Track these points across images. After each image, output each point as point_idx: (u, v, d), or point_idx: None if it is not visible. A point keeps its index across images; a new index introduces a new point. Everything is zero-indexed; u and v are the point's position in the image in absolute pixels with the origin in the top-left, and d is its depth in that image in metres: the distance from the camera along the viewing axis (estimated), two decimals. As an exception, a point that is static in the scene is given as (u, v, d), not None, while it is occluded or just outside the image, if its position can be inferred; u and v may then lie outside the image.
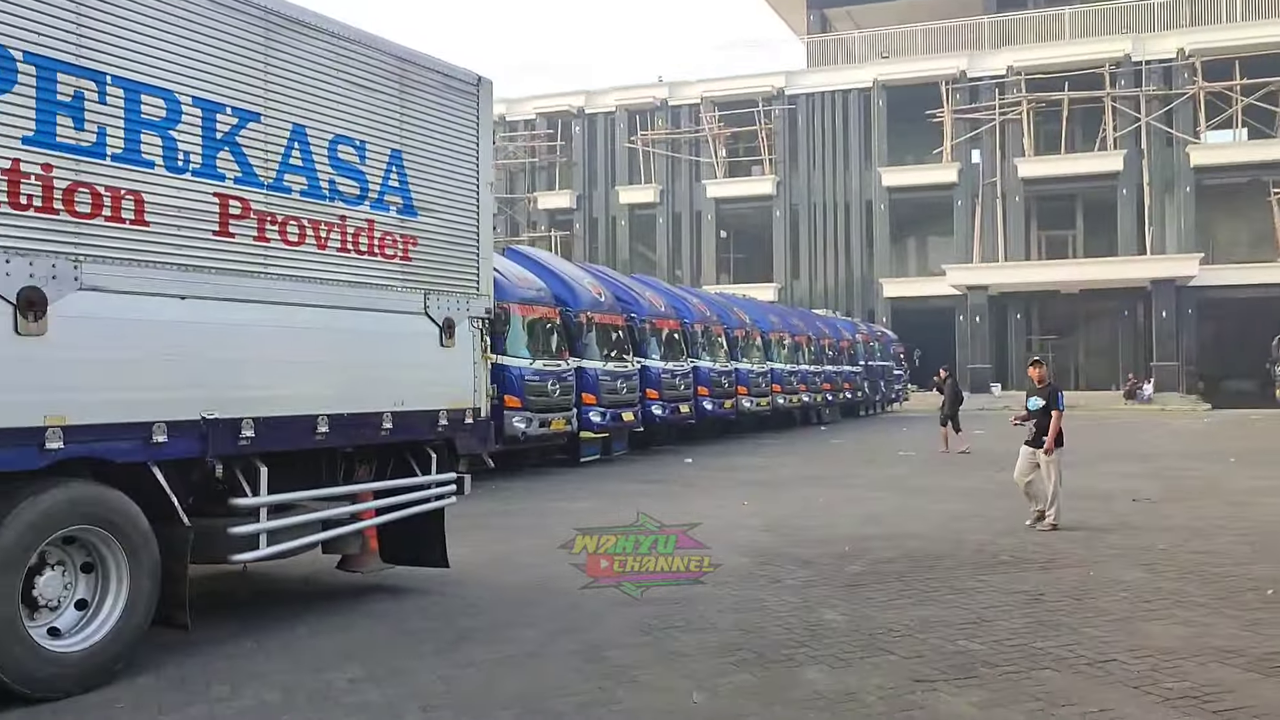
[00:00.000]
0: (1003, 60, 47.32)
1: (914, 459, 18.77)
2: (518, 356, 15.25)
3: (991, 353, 45.85)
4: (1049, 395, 10.65)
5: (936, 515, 11.26)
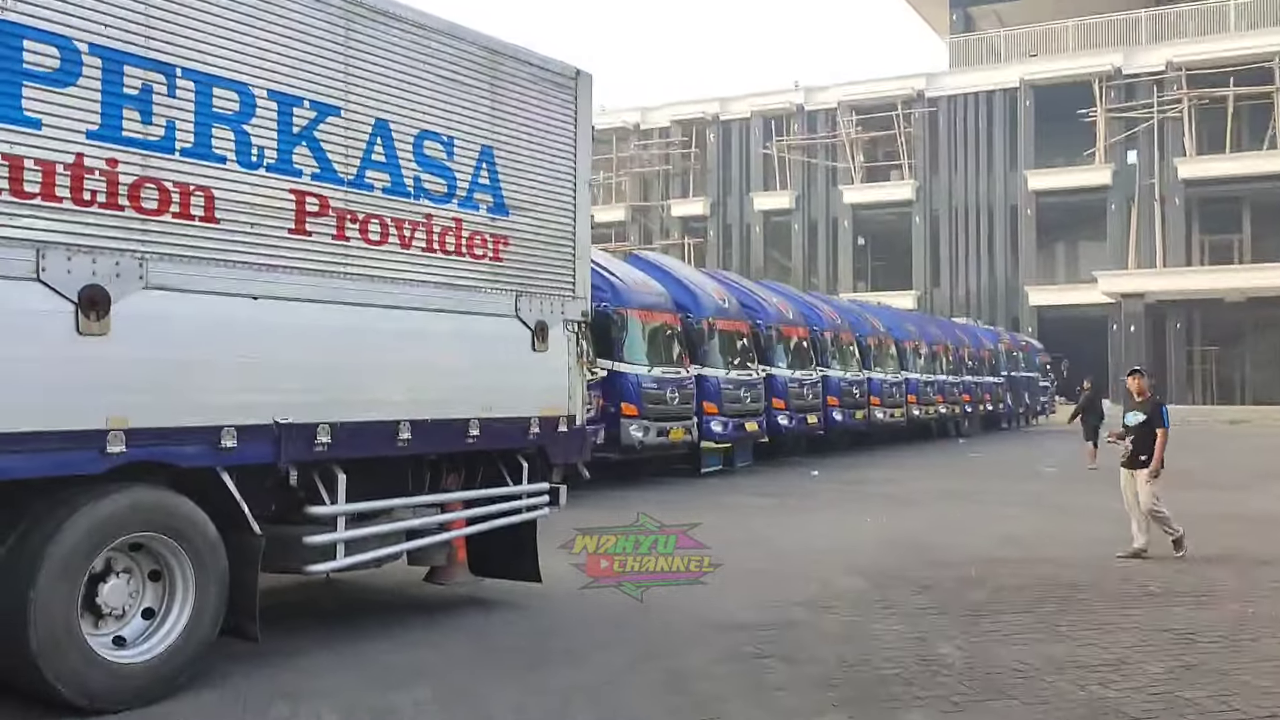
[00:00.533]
0: (1161, 55, 44.75)
1: (1057, 475, 17.65)
2: (635, 363, 14.92)
3: (1147, 365, 43.14)
4: (1152, 410, 9.65)
5: (1078, 538, 10.39)
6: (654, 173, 55.70)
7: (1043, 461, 20.54)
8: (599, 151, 57.23)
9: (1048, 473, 18.17)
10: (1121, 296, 42.84)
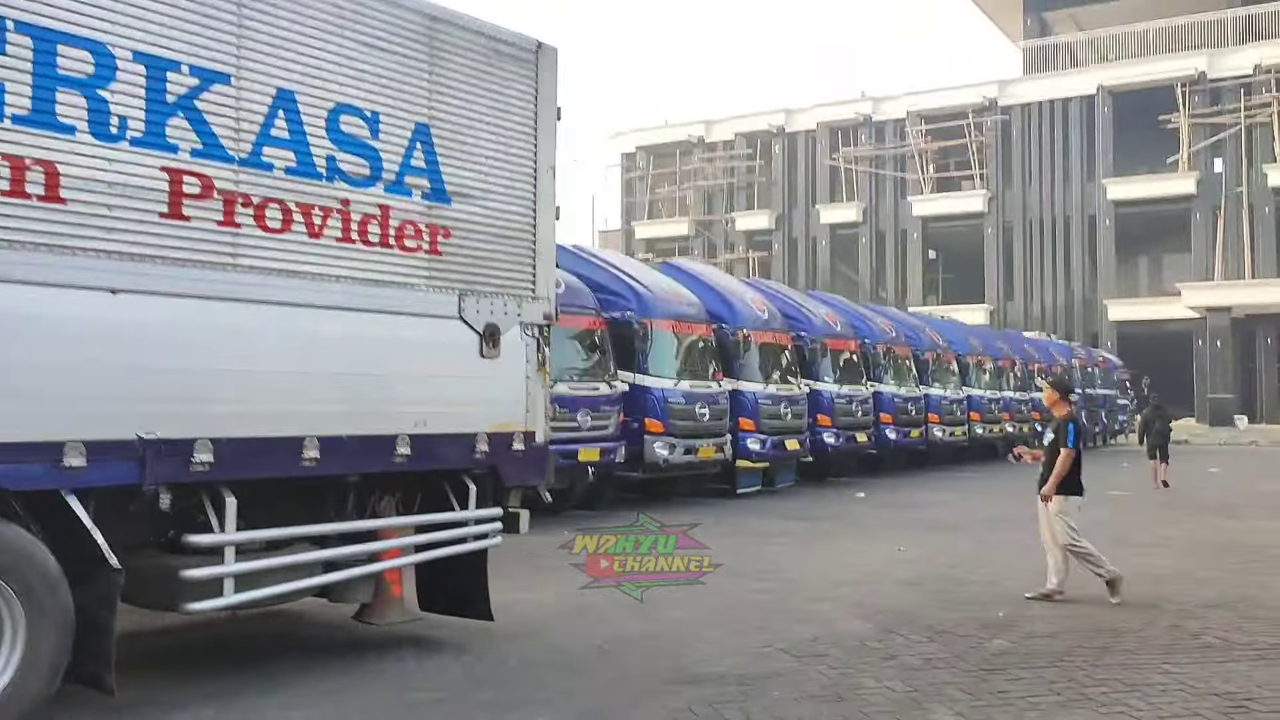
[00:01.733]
0: (1248, 58, 42.58)
1: (1126, 500, 16.29)
2: (660, 376, 14.04)
3: (1236, 382, 41.08)
4: (1059, 427, 8.24)
5: (1132, 572, 9.20)
6: (718, 186, 54.78)
7: (1111, 483, 19.09)
8: (663, 165, 56.67)
9: (1113, 497, 16.79)
10: (1207, 310, 40.71)
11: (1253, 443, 34.42)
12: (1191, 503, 15.76)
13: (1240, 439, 35.60)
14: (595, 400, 12.62)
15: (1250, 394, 41.39)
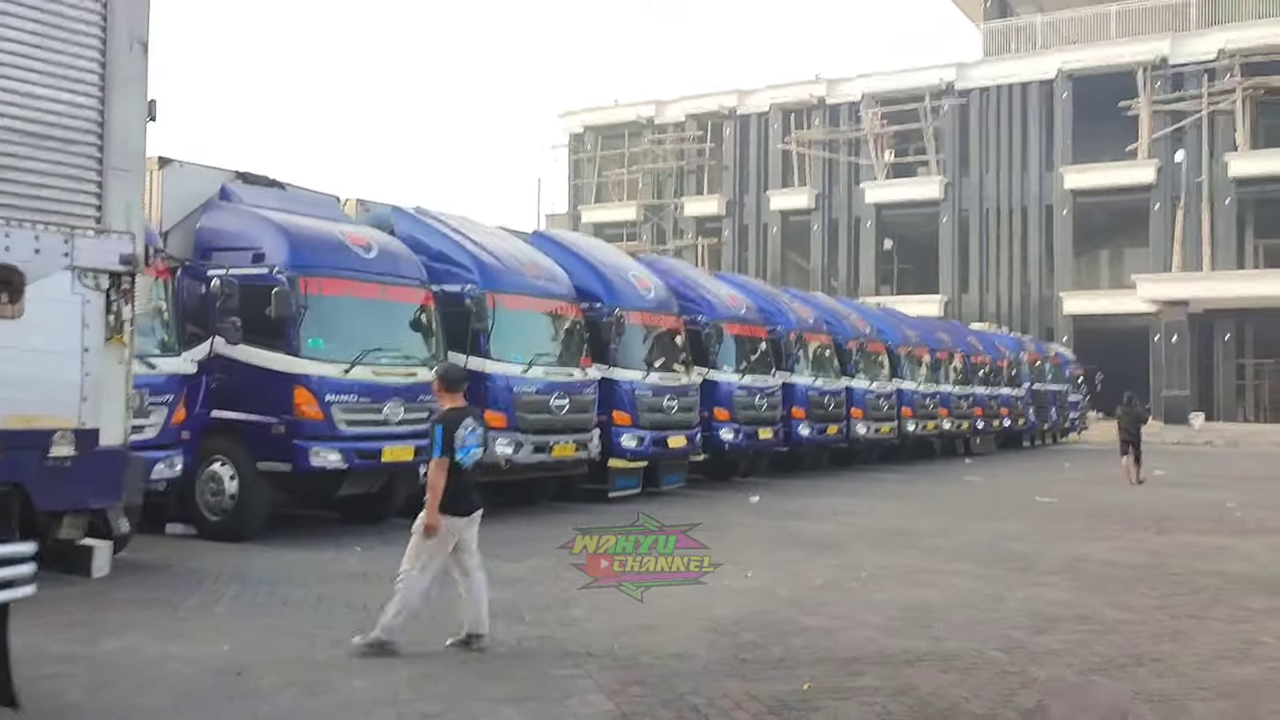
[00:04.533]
0: (1212, 42, 40.97)
1: (1051, 509, 14.40)
2: (506, 361, 11.98)
3: (1193, 378, 39.52)
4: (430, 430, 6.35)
5: (1014, 613, 7.28)
6: (668, 169, 52.74)
7: (1046, 490, 17.25)
8: (612, 147, 54.51)
9: (1042, 504, 14.92)
10: (1164, 304, 39.12)
11: (1207, 443, 32.84)
12: (1125, 513, 13.91)
13: (1195, 438, 34.02)
14: (411, 388, 10.54)
15: (1207, 391, 39.88)
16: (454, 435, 6.05)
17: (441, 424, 6.16)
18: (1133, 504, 15.14)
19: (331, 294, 10.16)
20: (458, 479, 6.05)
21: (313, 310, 9.90)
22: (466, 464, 6.08)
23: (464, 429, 6.08)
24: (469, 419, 6.18)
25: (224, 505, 9.90)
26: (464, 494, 6.11)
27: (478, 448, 6.17)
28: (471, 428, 6.14)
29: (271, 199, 11.02)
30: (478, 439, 6.17)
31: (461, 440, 6.04)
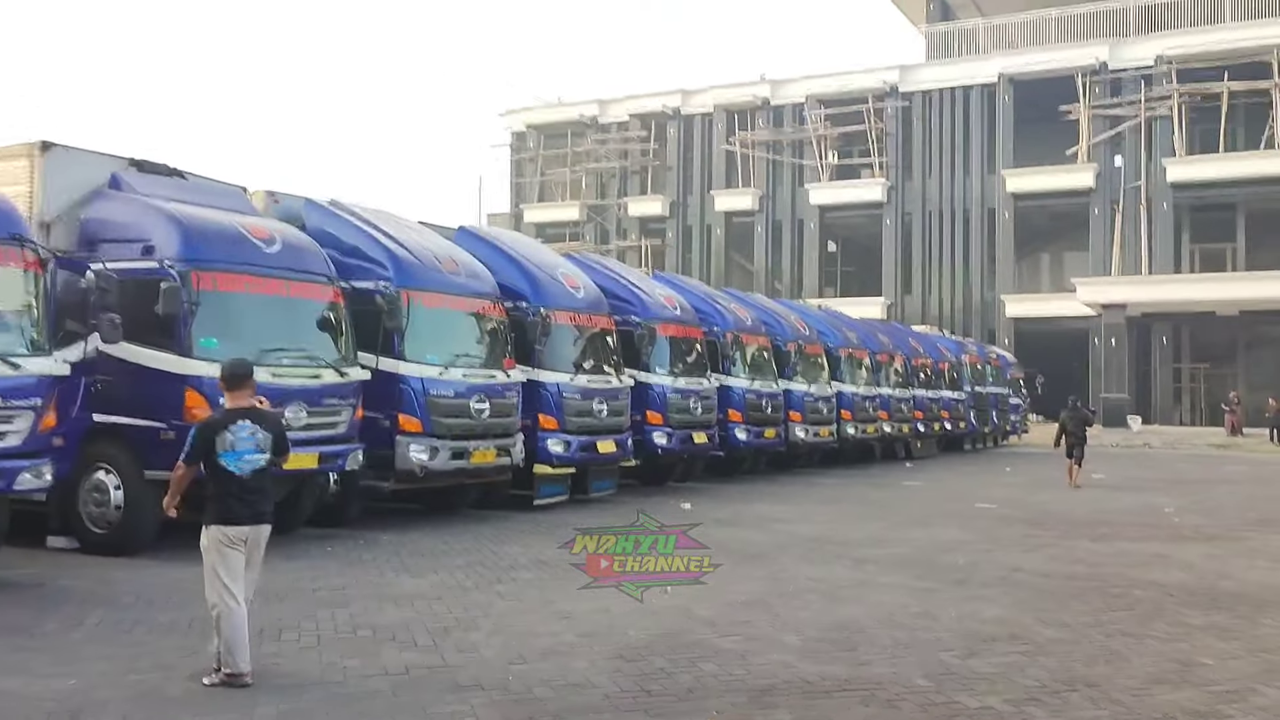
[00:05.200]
0: (1150, 49, 41.46)
1: (989, 515, 14.11)
2: (421, 362, 11.36)
3: (1131, 382, 39.87)
4: None
5: (945, 632, 6.86)
6: (611, 169, 52.27)
7: (985, 495, 16.99)
8: (555, 146, 53.92)
9: (981, 510, 14.62)
10: (1103, 307, 39.44)
11: (1146, 445, 33.02)
12: (1063, 519, 13.64)
13: (1134, 440, 34.20)
14: (316, 391, 9.90)
15: (1145, 394, 40.26)
16: (214, 439, 5.49)
17: (197, 427, 5.68)
18: (1071, 510, 14.89)
19: (228, 290, 9.48)
20: (228, 486, 5.46)
21: (206, 307, 9.20)
22: (240, 471, 5.48)
23: (234, 432, 5.50)
24: (245, 421, 5.57)
25: (109, 517, 9.18)
26: (235, 502, 5.47)
27: (256, 453, 5.54)
28: (250, 431, 5.54)
29: (168, 189, 10.30)
30: (256, 444, 5.54)
31: (229, 444, 5.47)
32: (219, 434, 5.52)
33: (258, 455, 5.55)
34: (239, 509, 5.49)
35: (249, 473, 5.51)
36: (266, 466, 5.61)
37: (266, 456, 5.60)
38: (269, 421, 5.75)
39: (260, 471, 5.57)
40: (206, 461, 5.53)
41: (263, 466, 5.58)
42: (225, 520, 5.47)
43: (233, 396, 5.73)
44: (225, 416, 5.66)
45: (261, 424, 5.64)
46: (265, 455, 5.59)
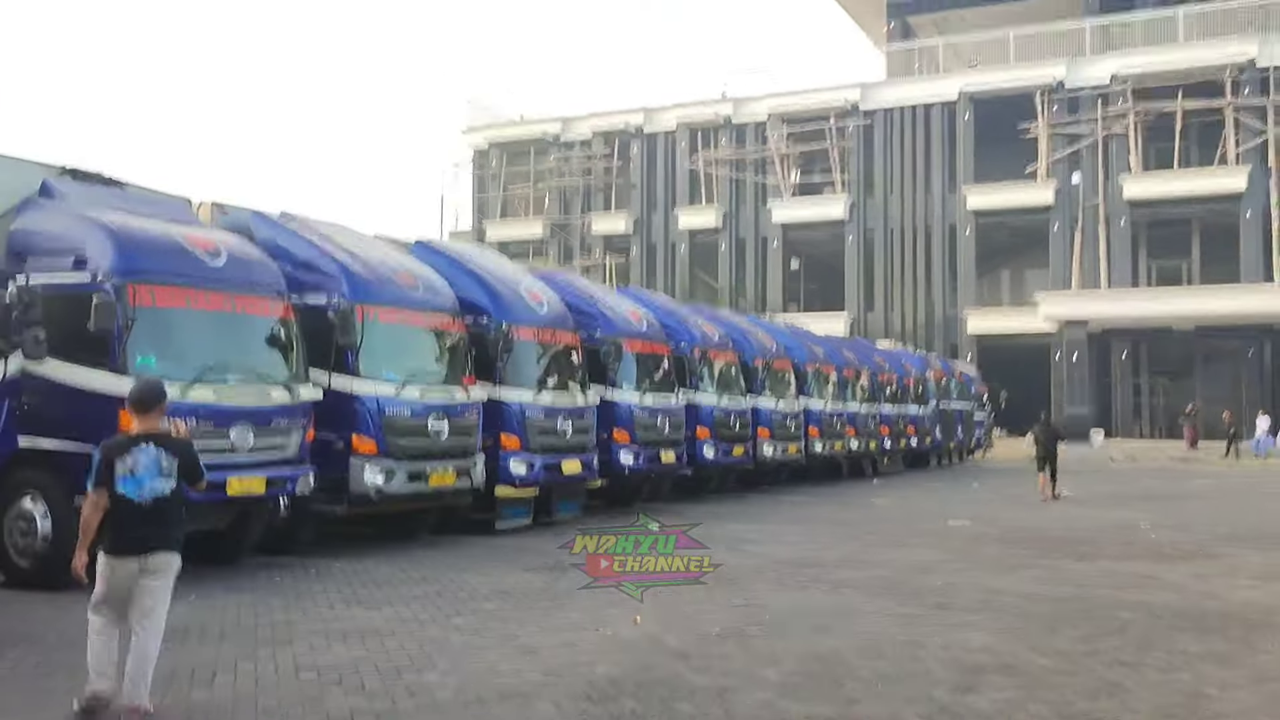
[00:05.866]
0: (1106, 67, 41.88)
1: (964, 532, 13.78)
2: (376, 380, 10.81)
3: (1092, 396, 40.06)
4: None
5: (934, 664, 6.44)
6: (575, 186, 51.93)
7: (956, 512, 16.68)
8: (517, 163, 53.47)
9: (954, 529, 14.29)
10: (1064, 323, 39.62)
11: (1110, 459, 33.05)
12: (1039, 537, 13.32)
13: (1097, 455, 34.23)
14: (264, 412, 9.34)
15: (1106, 408, 40.41)
16: (115, 463, 5.12)
17: (100, 448, 5.26)
18: (1045, 526, 14.61)
19: (167, 305, 8.91)
20: (122, 514, 5.11)
21: (143, 323, 8.62)
22: (138, 499, 5.11)
23: (134, 455, 5.15)
24: (148, 445, 5.20)
25: (35, 548, 8.54)
26: (127, 530, 5.13)
27: (158, 478, 5.17)
28: (152, 456, 5.18)
29: (105, 199, 9.74)
30: (159, 469, 5.18)
31: (129, 469, 5.12)
32: (120, 457, 5.15)
33: (161, 481, 5.19)
34: (129, 539, 5.13)
35: (149, 500, 5.15)
36: (171, 494, 5.23)
37: (172, 484, 5.23)
38: (176, 446, 5.34)
39: (163, 499, 5.20)
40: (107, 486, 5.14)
41: (166, 494, 5.21)
42: (113, 550, 5.14)
43: (141, 420, 5.34)
44: (128, 440, 5.28)
45: (167, 448, 5.26)
46: (170, 481, 5.22)
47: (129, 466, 5.13)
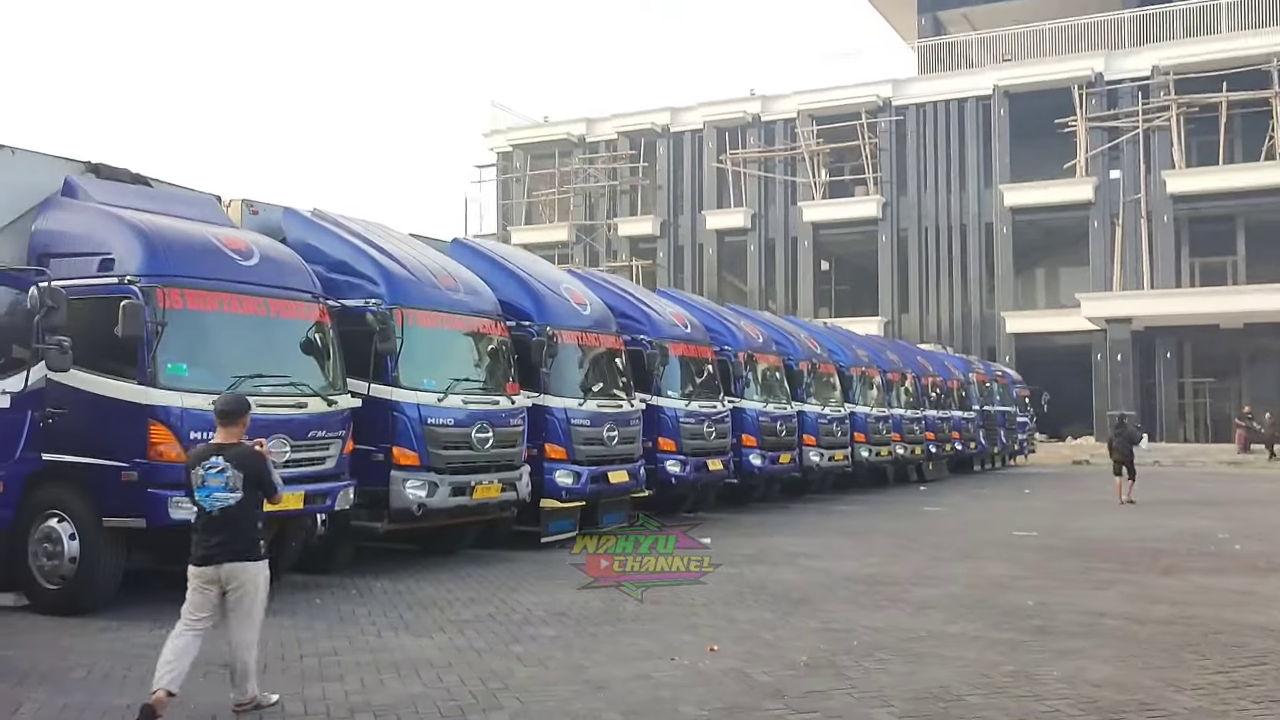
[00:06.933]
0: (1146, 59, 40.76)
1: (1033, 545, 13.01)
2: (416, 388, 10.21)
3: (1137, 397, 38.93)
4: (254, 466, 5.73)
5: (1058, 700, 5.75)
6: (600, 189, 51.25)
7: (1013, 520, 15.93)
8: (542, 166, 52.90)
9: (1022, 539, 13.54)
10: (1106, 322, 38.56)
11: (1156, 463, 32.07)
12: (1113, 548, 12.56)
13: (1143, 459, 33.23)
14: (300, 422, 8.74)
15: (1151, 410, 39.33)
16: (190, 474, 5.46)
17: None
18: (1115, 536, 13.83)
19: (198, 308, 8.33)
20: (199, 523, 5.42)
21: (173, 328, 8.04)
22: (209, 508, 5.35)
23: (206, 468, 5.39)
24: (217, 457, 5.41)
25: (62, 571, 7.98)
26: (199, 539, 5.40)
27: (225, 491, 5.35)
28: (219, 468, 5.37)
29: (131, 197, 9.17)
30: (225, 482, 5.35)
31: (200, 480, 5.38)
32: (194, 469, 5.46)
33: (226, 494, 5.36)
34: (200, 549, 5.37)
35: (217, 511, 5.35)
36: (238, 506, 5.37)
37: (238, 496, 5.36)
38: (244, 460, 5.45)
39: (230, 510, 5.36)
40: None
41: (232, 506, 5.36)
42: (191, 559, 5.40)
43: (222, 431, 5.61)
44: (205, 450, 5.56)
45: (235, 461, 5.41)
46: (236, 495, 5.36)
47: (201, 477, 5.37)
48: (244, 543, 5.38)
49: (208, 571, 5.32)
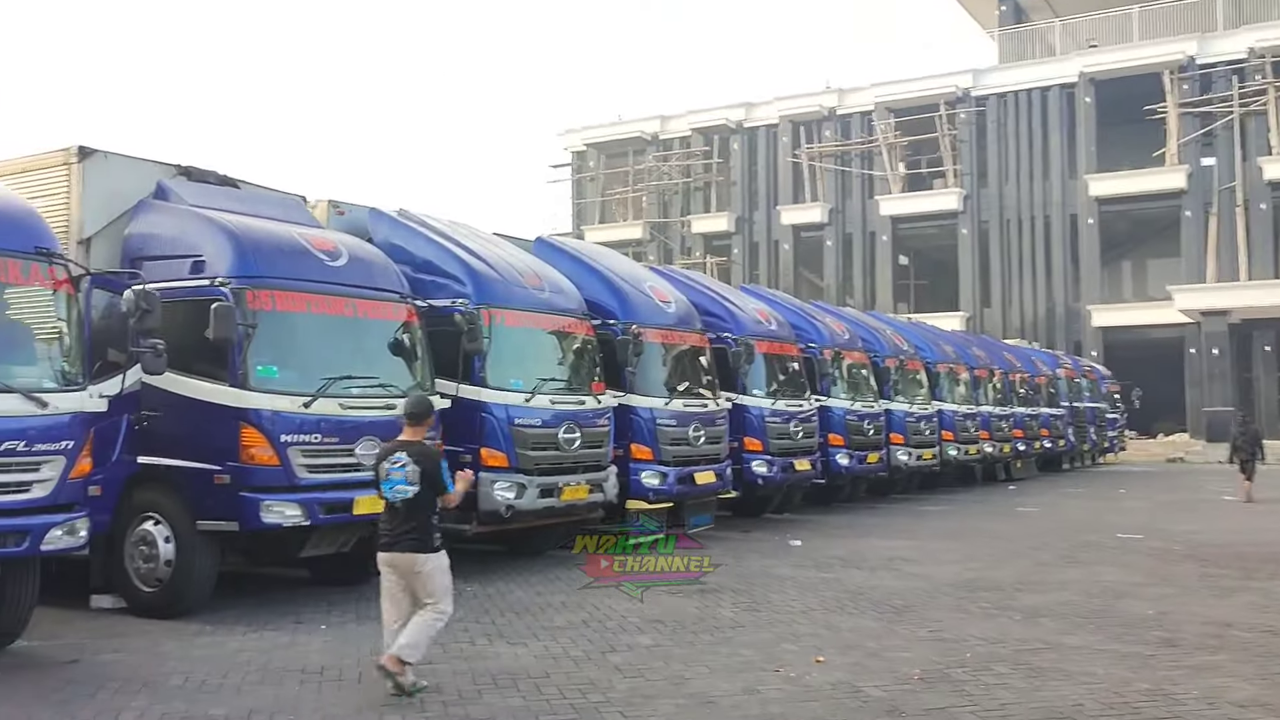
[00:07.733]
0: (1242, 41, 39.17)
1: (1142, 549, 12.43)
2: (504, 389, 10.07)
3: (1234, 393, 37.48)
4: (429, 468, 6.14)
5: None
6: (674, 186, 51.00)
7: (1111, 521, 15.30)
8: (615, 165, 52.81)
9: (1127, 542, 12.96)
10: (1201, 315, 37.15)
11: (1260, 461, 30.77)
12: (1230, 553, 11.94)
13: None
14: (390, 424, 8.51)
15: (1248, 406, 37.78)
16: (378, 468, 5.98)
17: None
18: (1228, 540, 13.19)
19: (288, 310, 8.26)
20: (384, 513, 5.98)
21: (264, 330, 7.99)
22: (392, 499, 5.87)
23: (390, 462, 5.90)
24: (401, 454, 5.89)
25: (158, 574, 7.96)
26: (383, 528, 5.95)
27: (404, 484, 5.83)
28: (402, 463, 5.85)
29: (220, 199, 9.15)
30: (405, 475, 5.83)
31: (385, 474, 5.89)
32: (380, 464, 5.99)
33: (405, 487, 5.82)
34: (383, 536, 5.91)
35: (398, 502, 5.84)
36: (415, 499, 5.81)
37: (416, 489, 5.80)
38: (421, 456, 5.90)
39: (409, 502, 5.82)
40: None
41: (410, 498, 5.81)
42: (378, 546, 5.95)
43: (409, 429, 6.11)
44: (391, 447, 6.07)
45: (415, 457, 5.86)
46: (414, 488, 5.80)
47: (385, 471, 5.87)
48: (420, 533, 5.79)
49: (388, 557, 5.85)
